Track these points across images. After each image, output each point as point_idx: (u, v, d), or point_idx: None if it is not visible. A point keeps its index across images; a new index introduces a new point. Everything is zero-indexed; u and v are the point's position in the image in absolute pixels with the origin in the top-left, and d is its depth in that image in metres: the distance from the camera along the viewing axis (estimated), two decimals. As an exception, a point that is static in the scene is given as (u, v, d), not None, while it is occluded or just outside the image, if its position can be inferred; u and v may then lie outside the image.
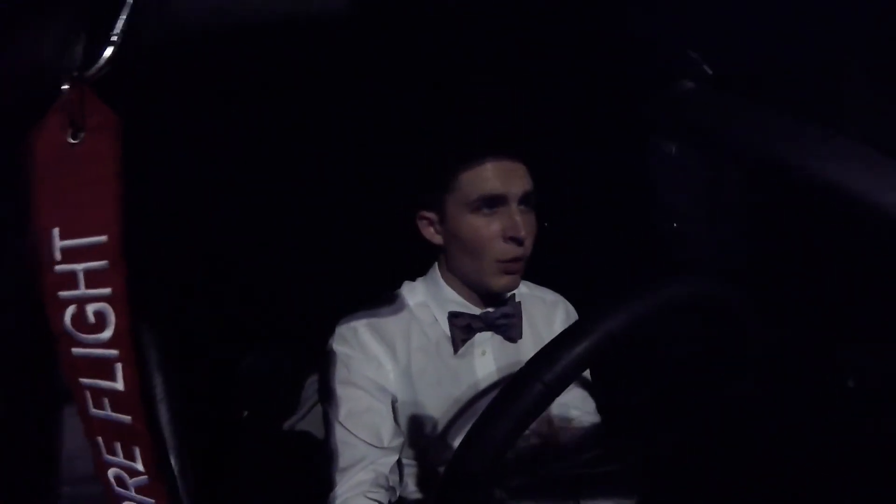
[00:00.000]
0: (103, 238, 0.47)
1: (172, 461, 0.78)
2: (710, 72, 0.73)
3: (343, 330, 0.78)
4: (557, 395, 0.53)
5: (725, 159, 0.97)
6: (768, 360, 0.68)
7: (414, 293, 0.84)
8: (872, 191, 0.57)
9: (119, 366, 0.47)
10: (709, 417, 0.68)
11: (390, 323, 0.79)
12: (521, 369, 0.54)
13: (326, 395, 0.78)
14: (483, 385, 0.79)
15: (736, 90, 0.71)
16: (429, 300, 0.82)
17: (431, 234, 0.79)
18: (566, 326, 0.86)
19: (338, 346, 0.78)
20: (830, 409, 0.64)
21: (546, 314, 0.88)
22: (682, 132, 0.85)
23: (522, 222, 0.72)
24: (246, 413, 0.97)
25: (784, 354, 0.70)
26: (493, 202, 0.72)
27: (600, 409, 0.84)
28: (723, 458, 0.62)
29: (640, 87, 0.73)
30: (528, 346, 0.82)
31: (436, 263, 0.85)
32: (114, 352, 0.47)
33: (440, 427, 0.78)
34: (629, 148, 1.08)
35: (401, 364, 0.78)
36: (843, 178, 0.59)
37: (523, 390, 0.55)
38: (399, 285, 0.87)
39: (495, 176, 0.71)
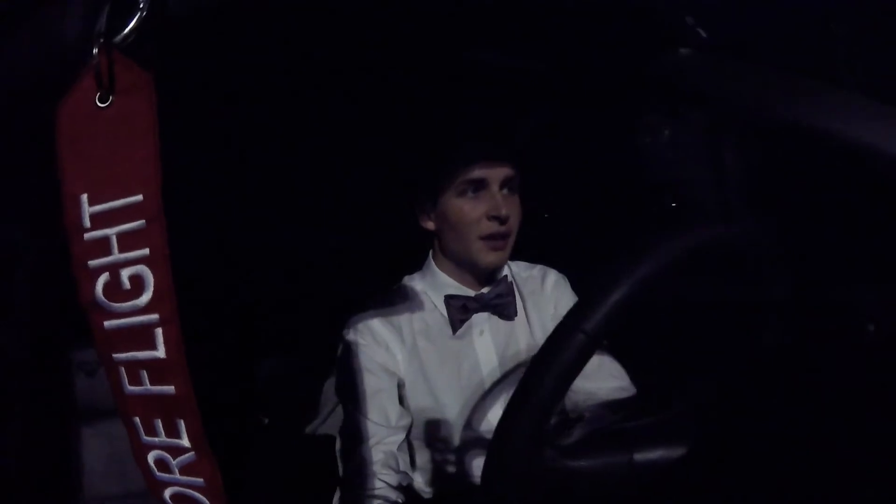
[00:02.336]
0: (138, 197, 0.45)
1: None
2: (705, 35, 0.75)
3: (355, 320, 0.85)
4: (599, 344, 0.53)
5: (728, 121, 0.98)
6: (791, 308, 0.68)
7: (413, 284, 0.91)
8: (880, 138, 0.59)
9: (160, 331, 0.44)
10: (743, 364, 0.68)
11: (396, 311, 0.86)
12: (561, 321, 0.54)
13: (341, 382, 0.85)
14: (483, 363, 0.85)
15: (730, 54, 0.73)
16: (426, 288, 0.89)
17: (426, 221, 0.86)
18: (557, 289, 0.93)
19: (350, 335, 0.85)
20: (851, 354, 0.63)
21: (537, 287, 0.93)
22: (682, 97, 0.88)
23: (505, 203, 0.79)
24: (267, 420, 0.97)
25: (803, 301, 0.70)
26: (476, 186, 0.79)
27: (638, 365, 0.86)
28: (760, 405, 0.61)
29: (636, 55, 0.75)
30: (523, 324, 0.88)
31: (430, 253, 0.91)
32: (153, 316, 0.44)
33: (447, 405, 0.83)
34: (622, 131, 1.10)
35: (407, 347, 0.84)
36: (850, 128, 0.61)
37: (565, 342, 0.54)
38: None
39: (478, 162, 0.79)
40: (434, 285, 0.88)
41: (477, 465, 0.83)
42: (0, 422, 0.70)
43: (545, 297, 0.93)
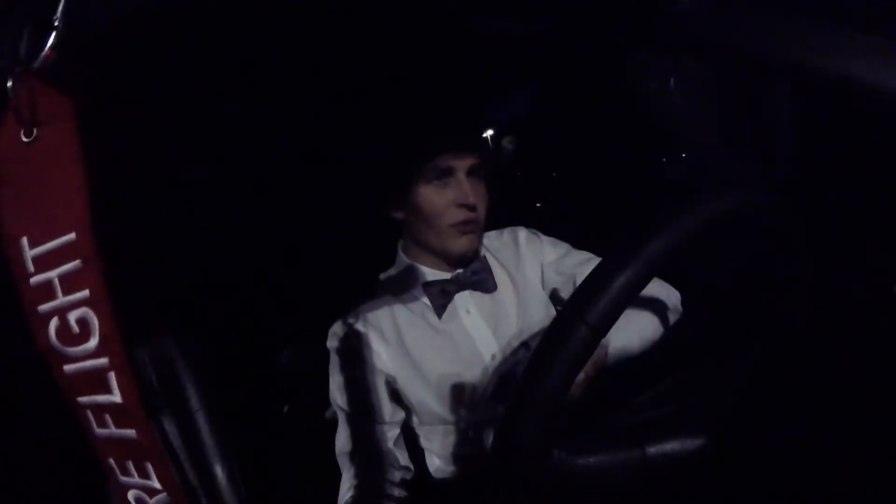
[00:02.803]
0: (71, 236, 0.42)
1: (218, 469, 0.77)
2: None
3: (335, 329, 0.86)
4: (604, 334, 0.49)
5: (739, 70, 0.88)
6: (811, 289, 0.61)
7: (388, 279, 0.91)
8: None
9: (112, 375, 0.42)
10: (768, 348, 0.62)
11: (375, 310, 0.86)
12: (561, 311, 0.50)
13: (331, 389, 0.85)
14: (479, 341, 0.84)
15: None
16: (403, 280, 0.89)
17: (395, 211, 0.86)
18: (532, 245, 0.91)
19: (331, 343, 0.86)
20: (878, 318, 0.56)
21: (512, 251, 0.93)
22: (688, 49, 0.79)
23: (472, 191, 0.79)
24: (287, 408, 0.99)
25: (825, 280, 0.62)
26: (442, 174, 0.79)
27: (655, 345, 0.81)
28: (784, 387, 0.55)
29: (640, 11, 0.68)
30: (509, 292, 0.88)
31: (398, 247, 0.91)
32: (103, 360, 0.42)
33: (451, 390, 0.82)
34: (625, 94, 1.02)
35: (392, 343, 0.84)
36: (866, 70, 0.52)
37: (567, 334, 0.49)
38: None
39: (444, 151, 0.78)
40: (410, 276, 0.88)
41: (492, 438, 0.83)
42: (26, 407, 0.73)
43: (523, 257, 0.92)
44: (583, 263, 0.88)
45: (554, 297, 0.91)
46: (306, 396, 0.97)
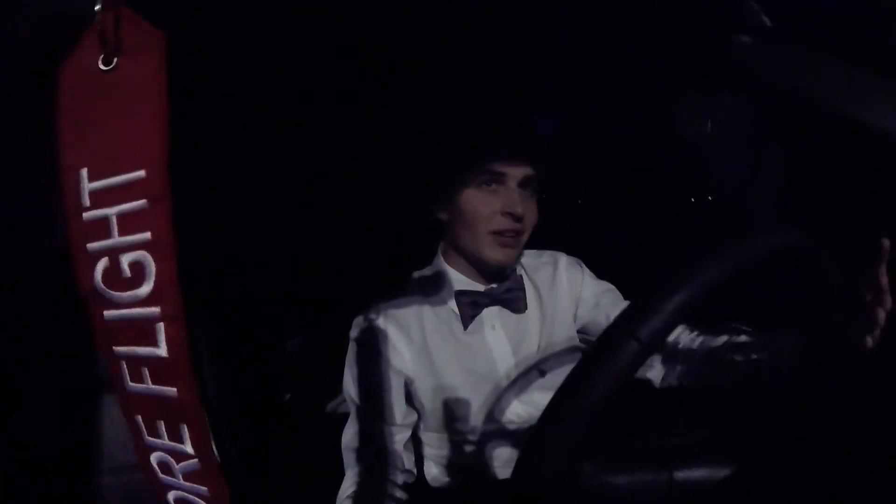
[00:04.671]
0: (140, 173, 0.40)
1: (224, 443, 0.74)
2: (769, 23, 0.68)
3: (359, 320, 0.84)
4: (652, 352, 0.47)
5: (779, 115, 0.90)
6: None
7: (421, 279, 0.89)
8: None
9: (161, 326, 0.39)
10: (800, 380, 0.62)
11: (403, 308, 0.84)
12: (611, 325, 0.49)
13: (347, 380, 0.83)
14: (498, 358, 0.83)
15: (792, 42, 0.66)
16: (435, 283, 0.86)
17: (439, 211, 0.84)
18: (571, 273, 0.90)
19: (354, 333, 0.84)
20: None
21: (549, 275, 0.91)
22: (742, 85, 0.80)
23: (521, 202, 0.76)
24: (288, 395, 0.96)
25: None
26: (493, 179, 0.76)
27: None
28: (816, 418, 0.56)
29: (697, 41, 0.69)
30: (536, 316, 0.86)
31: (439, 248, 0.88)
32: (154, 310, 0.39)
33: (462, 402, 0.81)
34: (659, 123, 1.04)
35: (415, 345, 0.82)
36: None
37: (617, 348, 0.48)
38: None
39: (497, 156, 0.76)
40: (444, 280, 0.86)
41: (496, 456, 0.82)
42: (25, 393, 0.70)
43: (559, 285, 0.89)
44: (619, 304, 0.86)
45: (584, 330, 0.89)
46: (310, 387, 0.94)
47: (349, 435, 0.81)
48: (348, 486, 0.77)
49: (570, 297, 0.89)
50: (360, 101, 0.92)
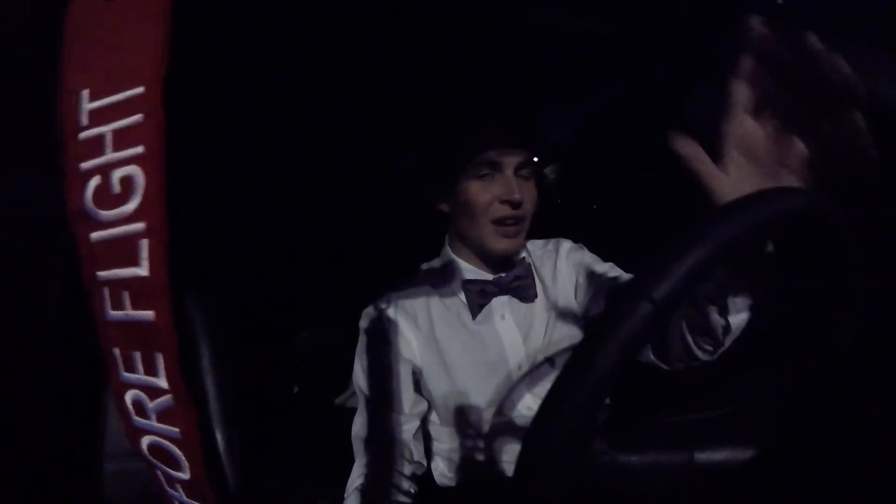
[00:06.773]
0: (139, 90, 0.39)
1: (218, 430, 0.69)
2: (781, 1, 0.66)
3: (369, 310, 0.84)
4: (667, 315, 0.43)
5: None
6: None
7: (430, 270, 0.89)
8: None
9: (144, 243, 0.37)
10: (817, 360, 0.56)
11: (412, 298, 0.83)
12: (623, 287, 0.46)
13: (357, 370, 0.82)
14: (508, 347, 0.81)
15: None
16: (444, 273, 0.86)
17: (440, 203, 0.84)
18: (573, 256, 0.87)
19: (363, 323, 0.83)
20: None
21: (552, 261, 0.90)
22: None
23: (519, 188, 0.75)
24: (297, 388, 0.93)
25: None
26: (489, 168, 0.76)
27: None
28: (836, 400, 0.50)
29: (705, 27, 0.67)
30: (542, 304, 0.85)
31: (446, 239, 0.88)
32: (139, 226, 0.37)
33: (472, 392, 0.80)
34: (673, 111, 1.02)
35: (424, 334, 0.81)
36: None
37: (628, 311, 0.43)
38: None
39: (493, 145, 0.76)
40: (452, 270, 0.85)
41: (505, 451, 0.79)
42: (32, 383, 0.69)
43: (560, 270, 0.88)
44: (621, 278, 0.83)
45: (586, 313, 0.86)
46: (319, 379, 0.91)
47: (359, 424, 0.79)
48: (357, 475, 0.75)
49: (570, 277, 0.86)
50: (359, 98, 0.93)
